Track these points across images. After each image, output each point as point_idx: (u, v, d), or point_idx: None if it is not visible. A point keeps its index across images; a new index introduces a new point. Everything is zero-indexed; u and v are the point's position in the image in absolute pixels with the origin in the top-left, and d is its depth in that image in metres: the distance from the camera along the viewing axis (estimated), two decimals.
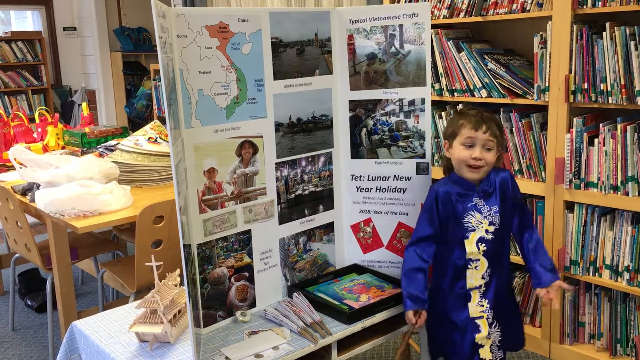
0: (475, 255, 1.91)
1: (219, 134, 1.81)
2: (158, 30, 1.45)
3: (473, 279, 1.92)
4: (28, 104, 7.09)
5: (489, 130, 1.83)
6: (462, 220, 1.90)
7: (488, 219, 1.90)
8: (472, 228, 1.90)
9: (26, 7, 7.31)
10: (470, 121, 1.84)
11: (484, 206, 1.91)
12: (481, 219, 1.90)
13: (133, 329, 1.72)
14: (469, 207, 1.90)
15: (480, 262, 1.91)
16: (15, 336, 3.18)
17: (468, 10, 2.80)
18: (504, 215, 1.92)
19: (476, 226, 1.90)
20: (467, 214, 1.90)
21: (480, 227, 1.90)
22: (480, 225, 1.90)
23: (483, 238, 1.90)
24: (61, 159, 2.78)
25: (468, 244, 1.90)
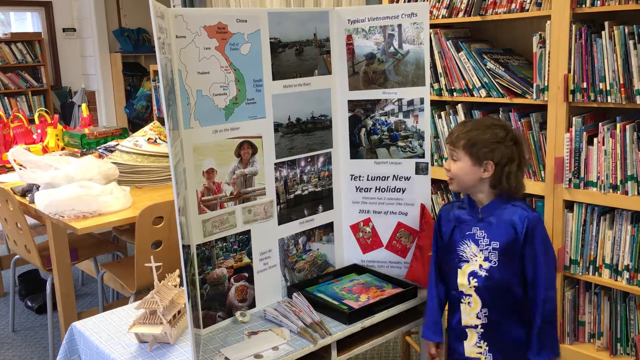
0: (467, 290, 1.77)
1: (218, 134, 1.81)
2: (156, 31, 1.45)
3: (467, 316, 1.78)
4: (28, 105, 7.09)
5: (453, 142, 1.72)
6: (458, 248, 1.78)
7: (484, 254, 1.74)
8: (466, 259, 1.77)
9: (26, 9, 7.31)
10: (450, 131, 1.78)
11: (483, 238, 1.74)
12: (476, 251, 1.75)
13: (133, 330, 1.72)
14: (466, 236, 1.76)
15: (472, 298, 1.76)
16: (15, 337, 3.19)
17: (467, 10, 2.80)
18: (507, 256, 1.71)
19: (470, 258, 1.76)
20: (463, 243, 1.77)
21: (473, 260, 1.75)
22: (474, 258, 1.75)
23: (475, 273, 1.74)
24: (61, 160, 2.78)
25: (460, 274, 1.77)
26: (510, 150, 1.69)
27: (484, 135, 1.68)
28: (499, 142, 1.68)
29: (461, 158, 1.71)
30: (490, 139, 1.68)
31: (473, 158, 1.69)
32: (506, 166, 1.68)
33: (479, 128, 1.70)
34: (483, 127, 1.70)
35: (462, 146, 1.70)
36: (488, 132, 1.69)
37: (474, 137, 1.69)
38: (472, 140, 1.69)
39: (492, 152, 1.67)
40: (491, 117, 1.78)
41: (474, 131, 1.70)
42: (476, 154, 1.68)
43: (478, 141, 1.68)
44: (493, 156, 1.67)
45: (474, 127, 1.71)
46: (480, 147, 1.68)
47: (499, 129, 1.69)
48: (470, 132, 1.70)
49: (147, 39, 7.46)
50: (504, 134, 1.69)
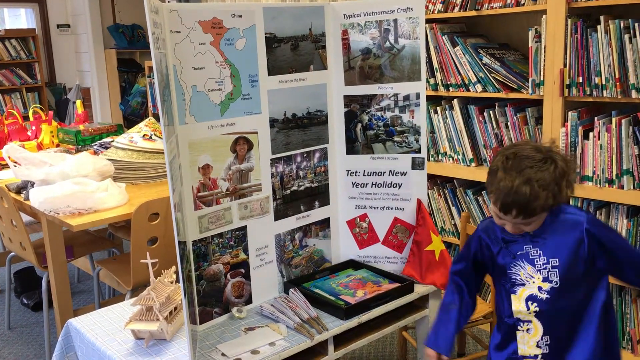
0: (525, 316, 1.55)
1: (214, 130, 1.80)
2: (151, 26, 1.44)
3: (525, 345, 1.56)
4: (22, 102, 7.06)
5: (520, 216, 1.45)
6: (509, 271, 1.56)
7: (542, 274, 1.51)
8: (521, 282, 1.54)
9: (20, 5, 7.27)
10: (499, 199, 1.45)
11: (539, 257, 1.52)
12: (533, 272, 1.53)
13: (129, 327, 1.71)
14: (518, 256, 1.54)
15: (532, 324, 1.55)
16: (11, 335, 3.18)
17: (463, 5, 2.79)
18: (569, 271, 1.50)
19: (526, 280, 1.54)
20: (515, 264, 1.55)
21: (531, 283, 1.53)
22: (531, 280, 1.53)
23: (535, 297, 1.52)
24: (55, 156, 2.77)
25: (515, 300, 1.55)
26: (556, 184, 1.43)
27: (528, 197, 1.41)
28: (543, 188, 1.41)
29: (530, 222, 1.49)
30: (532, 193, 1.41)
31: (538, 215, 1.46)
32: (566, 187, 1.45)
33: (520, 192, 1.41)
34: (529, 188, 1.41)
35: (522, 218, 1.46)
36: (526, 188, 1.41)
37: (534, 204, 1.42)
38: (526, 209, 1.43)
39: (546, 200, 1.41)
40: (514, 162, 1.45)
41: (518, 196, 1.41)
42: (539, 214, 1.46)
43: (529, 207, 1.43)
44: (548, 204, 1.43)
45: (523, 196, 1.41)
46: (536, 207, 1.43)
47: (540, 172, 1.42)
48: (529, 202, 1.42)
49: (142, 35, 7.43)
50: (539, 158, 1.43)
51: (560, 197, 1.44)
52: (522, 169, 1.43)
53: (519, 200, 1.42)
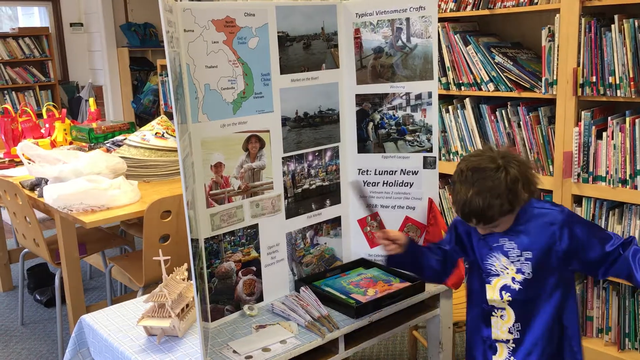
0: (499, 304, 1.63)
1: (226, 128, 1.81)
2: (165, 25, 1.45)
3: (499, 330, 1.66)
4: (35, 99, 7.12)
5: (480, 223, 1.56)
6: (485, 262, 1.64)
7: (516, 266, 1.59)
8: (496, 273, 1.63)
9: (33, 3, 7.33)
10: (458, 210, 1.57)
11: (514, 249, 1.60)
12: (507, 263, 1.60)
13: (141, 323, 1.73)
14: (494, 248, 1.62)
15: (506, 312, 1.64)
16: (24, 330, 3.21)
17: (475, 4, 2.78)
18: (541, 264, 1.58)
19: (500, 271, 1.62)
20: (491, 256, 1.63)
21: (505, 274, 1.61)
22: (506, 271, 1.60)
23: (508, 287, 1.61)
24: (69, 154, 2.80)
25: (489, 289, 1.64)
26: (510, 190, 1.50)
27: (487, 195, 1.49)
28: (501, 195, 1.49)
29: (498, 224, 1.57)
30: (493, 189, 1.50)
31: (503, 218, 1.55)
32: (524, 192, 1.53)
33: (480, 203, 1.50)
34: (479, 195, 1.50)
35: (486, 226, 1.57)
36: (484, 197, 1.50)
37: (489, 213, 1.51)
38: (488, 219, 1.53)
39: (502, 205, 1.50)
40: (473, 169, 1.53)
41: (478, 198, 1.50)
42: (499, 220, 1.55)
43: (488, 215, 1.52)
44: (506, 209, 1.52)
45: (475, 203, 1.51)
46: (496, 215, 1.52)
47: (490, 170, 1.51)
48: (484, 212, 1.51)
49: (154, 34, 7.47)
50: (500, 186, 1.50)
51: (518, 200, 1.53)
52: (475, 180, 1.52)
53: (474, 211, 1.52)
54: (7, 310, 3.47)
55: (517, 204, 1.54)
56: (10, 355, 2.96)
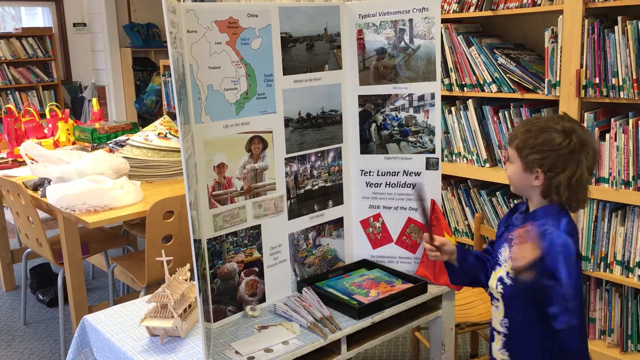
0: (495, 294, 1.65)
1: (229, 129, 1.81)
2: (168, 26, 1.45)
3: (495, 319, 1.67)
4: (39, 99, 7.14)
5: (509, 140, 1.57)
6: (497, 250, 1.66)
7: (508, 263, 1.58)
8: (499, 262, 1.64)
9: (36, 4, 7.34)
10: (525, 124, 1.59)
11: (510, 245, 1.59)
12: (507, 258, 1.60)
13: (144, 323, 1.73)
14: (508, 239, 1.61)
15: (499, 303, 1.65)
16: (27, 330, 3.21)
17: (478, 5, 2.78)
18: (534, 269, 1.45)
19: (502, 262, 1.62)
20: (502, 245, 1.63)
21: (504, 266, 1.61)
22: (505, 264, 1.60)
23: (502, 279, 1.62)
24: (72, 154, 2.80)
25: (492, 277, 1.66)
26: (564, 160, 1.47)
27: (536, 140, 1.49)
28: (552, 150, 1.47)
29: (514, 161, 1.55)
30: (542, 144, 1.48)
31: (523, 163, 1.52)
32: (558, 176, 1.48)
33: (535, 129, 1.50)
34: (538, 128, 1.50)
35: (515, 147, 1.54)
36: (542, 136, 1.48)
37: (526, 139, 1.50)
38: (524, 143, 1.51)
39: (543, 159, 1.48)
40: (558, 117, 1.52)
41: (529, 132, 1.51)
42: (525, 159, 1.51)
43: (528, 145, 1.50)
44: (542, 164, 1.48)
45: (531, 127, 1.51)
46: (530, 152, 1.50)
47: (556, 133, 1.47)
48: (525, 133, 1.51)
49: (157, 34, 7.48)
50: (560, 139, 1.46)
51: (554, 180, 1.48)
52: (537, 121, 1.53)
53: (523, 128, 1.52)
54: (9, 310, 3.48)
55: (540, 164, 1.48)
56: (12, 355, 2.97)
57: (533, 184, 1.52)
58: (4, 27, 7.14)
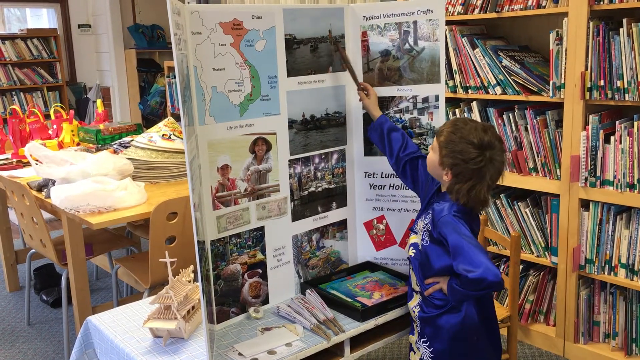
0: (410, 256, 1.84)
1: (233, 130, 1.81)
2: (173, 27, 1.45)
3: (412, 280, 1.86)
4: (43, 100, 7.15)
5: (438, 132, 1.73)
6: (417, 220, 1.85)
7: (421, 232, 1.78)
8: (415, 230, 1.83)
9: (41, 5, 7.36)
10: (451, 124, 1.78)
11: (427, 217, 1.77)
12: (420, 227, 1.80)
13: (147, 325, 1.73)
14: (426, 209, 1.82)
15: (412, 267, 1.85)
16: (30, 331, 3.22)
17: (483, 7, 2.78)
18: (433, 244, 1.74)
19: (417, 231, 1.81)
20: (421, 217, 1.82)
21: (418, 234, 1.80)
22: (418, 233, 1.80)
23: (416, 245, 1.81)
24: (76, 155, 2.80)
25: (409, 241, 1.85)
26: (471, 172, 1.64)
27: (456, 146, 1.66)
28: (464, 161, 1.64)
29: (435, 150, 1.72)
30: (458, 152, 1.65)
31: (440, 159, 1.69)
32: (461, 183, 1.66)
33: (459, 135, 1.66)
34: (460, 136, 1.66)
35: (439, 141, 1.71)
36: (461, 145, 1.65)
37: (450, 141, 1.67)
38: (446, 143, 1.68)
39: (454, 165, 1.66)
40: (482, 129, 1.67)
41: (454, 135, 1.67)
42: (442, 157, 1.68)
43: (448, 147, 1.67)
44: (452, 168, 1.67)
45: (456, 131, 1.67)
46: (447, 154, 1.67)
47: (473, 148, 1.64)
48: (451, 134, 1.68)
49: (162, 36, 7.49)
50: (474, 155, 1.64)
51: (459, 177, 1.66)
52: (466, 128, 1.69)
53: (460, 122, 1.69)
54: (13, 310, 3.49)
55: (448, 165, 1.67)
56: (16, 355, 2.97)
57: (442, 178, 1.72)
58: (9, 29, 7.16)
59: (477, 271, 1.56)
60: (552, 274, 2.77)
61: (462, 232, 1.64)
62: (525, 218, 2.74)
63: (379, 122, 1.98)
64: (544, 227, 2.72)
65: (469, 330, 1.75)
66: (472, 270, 1.58)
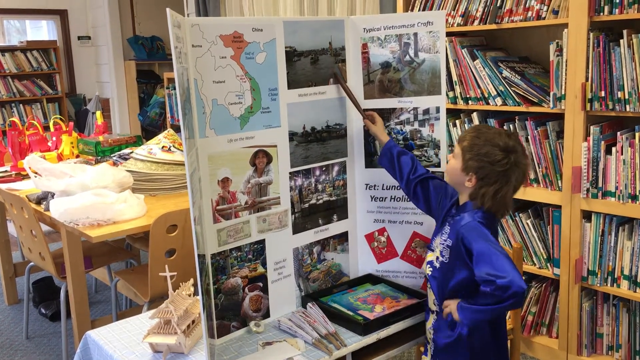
0: (428, 274, 1.81)
1: (233, 143, 1.80)
2: (173, 40, 1.45)
3: (429, 298, 1.83)
4: (43, 112, 7.15)
5: (459, 138, 1.73)
6: (435, 236, 1.82)
7: (440, 248, 1.75)
8: (432, 248, 1.81)
9: (41, 17, 7.38)
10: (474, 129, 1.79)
11: (444, 233, 1.75)
12: (438, 244, 1.77)
13: (147, 340, 1.71)
14: (442, 226, 1.79)
15: (430, 285, 1.81)
16: (29, 344, 3.19)
17: (482, 18, 2.78)
18: (455, 257, 1.70)
19: (435, 248, 1.79)
20: (438, 232, 1.79)
21: (435, 252, 1.78)
22: (435, 251, 1.78)
23: (432, 263, 1.78)
24: (76, 167, 2.79)
25: (426, 258, 1.83)
26: (497, 174, 1.63)
27: (481, 149, 1.65)
28: (490, 163, 1.63)
29: (457, 157, 1.71)
30: (484, 155, 1.64)
31: (463, 163, 1.68)
32: (487, 186, 1.65)
33: (483, 139, 1.67)
34: (487, 139, 1.66)
35: (462, 146, 1.70)
36: (487, 147, 1.65)
37: (473, 145, 1.67)
38: (470, 147, 1.67)
39: (480, 168, 1.65)
40: (506, 134, 1.68)
41: (478, 139, 1.67)
42: (466, 162, 1.67)
43: (473, 150, 1.66)
44: (477, 172, 1.65)
45: (480, 135, 1.68)
46: (471, 157, 1.66)
47: (499, 150, 1.64)
48: (474, 138, 1.68)
49: (161, 47, 7.51)
50: (500, 157, 1.63)
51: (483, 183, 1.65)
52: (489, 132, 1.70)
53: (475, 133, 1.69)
54: (12, 323, 3.46)
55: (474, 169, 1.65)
56: None
57: (465, 184, 1.69)
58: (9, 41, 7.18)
59: (505, 277, 1.52)
60: (555, 285, 2.75)
61: (489, 239, 1.61)
62: (527, 229, 2.73)
63: (387, 147, 1.96)
64: (545, 239, 2.70)
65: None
66: (499, 275, 1.53)
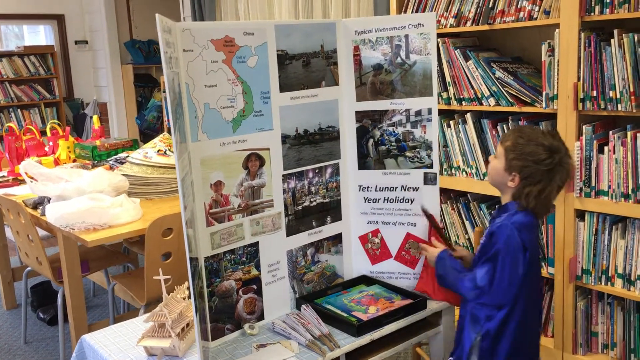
0: None
1: (226, 147, 1.81)
2: (163, 46, 1.46)
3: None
4: (41, 117, 7.17)
5: (502, 139, 1.76)
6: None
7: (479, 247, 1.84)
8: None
9: (39, 22, 7.40)
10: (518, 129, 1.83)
11: (485, 235, 1.81)
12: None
13: (141, 343, 1.72)
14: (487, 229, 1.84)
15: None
16: (27, 349, 3.20)
17: (475, 19, 2.79)
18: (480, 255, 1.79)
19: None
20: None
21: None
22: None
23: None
24: (72, 172, 2.81)
25: None
26: (541, 174, 1.66)
27: (525, 148, 1.68)
28: (534, 162, 1.66)
29: (499, 157, 1.74)
30: (528, 154, 1.67)
31: (506, 163, 1.70)
32: (531, 186, 1.67)
33: (526, 138, 1.69)
34: (530, 139, 1.69)
35: (505, 146, 1.72)
36: (531, 147, 1.67)
37: (517, 145, 1.69)
38: (513, 147, 1.70)
39: (523, 167, 1.67)
40: (550, 134, 1.71)
41: (521, 139, 1.70)
42: (510, 161, 1.69)
43: (516, 150, 1.69)
44: (521, 171, 1.68)
45: (524, 135, 1.70)
46: (515, 157, 1.69)
47: (543, 149, 1.66)
48: (518, 138, 1.70)
49: (158, 51, 7.49)
50: (545, 156, 1.66)
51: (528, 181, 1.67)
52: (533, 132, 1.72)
53: (517, 133, 1.71)
54: (10, 328, 3.47)
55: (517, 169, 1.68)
56: None
57: (508, 184, 1.71)
58: (7, 46, 7.20)
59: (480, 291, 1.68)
60: (549, 284, 2.76)
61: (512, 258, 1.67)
62: None
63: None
64: (539, 238, 2.71)
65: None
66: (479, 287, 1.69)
